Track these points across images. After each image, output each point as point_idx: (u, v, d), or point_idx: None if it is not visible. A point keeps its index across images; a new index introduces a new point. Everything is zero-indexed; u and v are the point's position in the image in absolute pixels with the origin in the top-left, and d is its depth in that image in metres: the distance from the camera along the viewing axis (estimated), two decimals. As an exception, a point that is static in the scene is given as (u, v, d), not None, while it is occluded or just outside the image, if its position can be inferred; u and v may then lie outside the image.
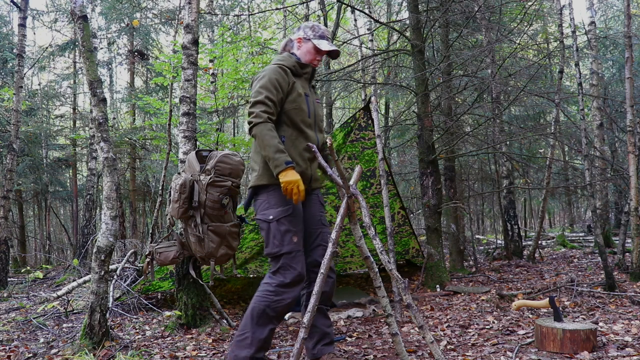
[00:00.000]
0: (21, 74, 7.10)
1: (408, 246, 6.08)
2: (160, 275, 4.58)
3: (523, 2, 6.53)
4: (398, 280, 2.54)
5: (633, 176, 4.63)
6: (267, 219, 2.46)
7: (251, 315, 2.39)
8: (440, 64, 5.57)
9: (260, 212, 2.49)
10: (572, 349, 2.69)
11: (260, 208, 2.49)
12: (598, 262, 6.20)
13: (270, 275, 2.46)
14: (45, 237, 13.85)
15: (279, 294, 2.41)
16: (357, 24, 11.31)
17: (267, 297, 2.40)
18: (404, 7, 10.49)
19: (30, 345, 3.41)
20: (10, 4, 10.63)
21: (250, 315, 2.40)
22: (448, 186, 6.30)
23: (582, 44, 9.78)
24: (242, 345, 2.39)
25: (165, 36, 18.50)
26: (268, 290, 2.41)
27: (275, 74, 2.48)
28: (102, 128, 3.26)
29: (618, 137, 10.12)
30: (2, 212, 6.71)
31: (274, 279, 2.44)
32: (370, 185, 5.36)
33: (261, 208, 2.49)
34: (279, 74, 2.49)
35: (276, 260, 2.45)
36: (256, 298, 2.42)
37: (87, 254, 8.54)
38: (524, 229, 12.57)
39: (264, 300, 2.39)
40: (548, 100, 6.98)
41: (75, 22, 3.33)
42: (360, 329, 3.67)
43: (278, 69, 2.52)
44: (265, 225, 2.46)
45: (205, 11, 9.96)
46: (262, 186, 2.49)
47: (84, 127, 12.85)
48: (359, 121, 4.84)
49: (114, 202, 3.24)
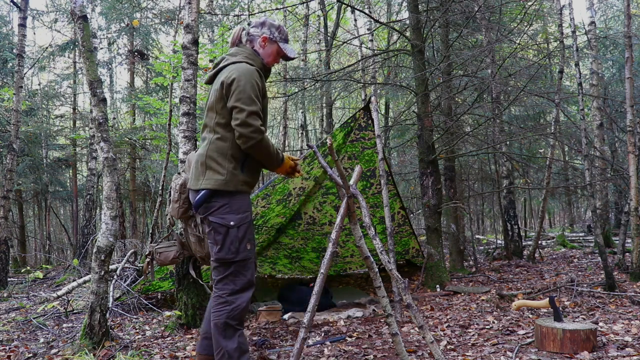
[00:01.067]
0: (21, 74, 7.10)
1: (408, 246, 6.08)
2: (160, 275, 4.59)
3: (523, 2, 6.53)
4: (398, 280, 2.54)
5: (633, 176, 4.63)
6: (227, 223, 2.36)
7: (217, 332, 2.35)
8: (440, 64, 5.57)
9: (218, 215, 2.36)
10: (572, 349, 2.69)
11: (219, 212, 2.36)
12: (598, 262, 6.20)
13: (217, 285, 2.39)
14: (45, 237, 13.85)
15: (232, 302, 2.35)
16: (357, 24, 11.31)
17: (223, 309, 2.35)
18: (404, 7, 10.49)
19: (30, 345, 3.41)
20: (10, 4, 10.63)
21: (217, 332, 2.35)
22: (448, 186, 6.30)
23: (582, 44, 9.78)
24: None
25: (165, 36, 18.52)
26: (220, 302, 2.36)
27: (256, 78, 2.37)
28: (102, 128, 3.26)
29: (618, 137, 10.12)
30: (2, 212, 6.71)
31: (223, 289, 2.37)
32: (370, 185, 5.36)
33: (220, 212, 2.36)
34: (259, 79, 2.40)
35: (226, 266, 2.37)
36: (213, 314, 2.37)
37: (87, 254, 8.54)
38: (524, 229, 12.56)
39: (222, 313, 2.34)
40: (548, 100, 6.98)
41: (75, 22, 3.34)
42: (360, 329, 3.67)
43: (256, 72, 2.40)
44: (223, 230, 2.36)
45: (205, 11, 9.96)
46: (226, 191, 2.37)
47: (84, 127, 12.85)
48: (359, 121, 4.84)
49: (114, 202, 3.24)
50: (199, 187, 2.38)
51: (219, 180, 2.36)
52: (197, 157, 2.44)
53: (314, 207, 5.54)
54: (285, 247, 6.02)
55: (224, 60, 2.49)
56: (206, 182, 2.37)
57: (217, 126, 2.38)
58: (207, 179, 2.37)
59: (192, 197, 2.48)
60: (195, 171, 2.43)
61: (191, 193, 2.49)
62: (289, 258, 6.20)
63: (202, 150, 2.43)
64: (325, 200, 5.46)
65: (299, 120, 12.88)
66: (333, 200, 5.45)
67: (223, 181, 2.36)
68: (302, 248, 6.02)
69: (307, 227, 5.72)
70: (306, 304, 2.41)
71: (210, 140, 2.40)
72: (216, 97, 2.37)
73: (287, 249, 6.04)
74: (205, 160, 2.38)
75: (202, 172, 2.39)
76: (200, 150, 2.44)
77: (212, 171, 2.37)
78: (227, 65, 2.43)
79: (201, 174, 2.39)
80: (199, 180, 2.39)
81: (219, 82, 2.38)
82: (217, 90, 2.37)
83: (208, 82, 2.57)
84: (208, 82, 2.57)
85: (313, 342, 3.33)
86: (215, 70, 2.51)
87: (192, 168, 2.48)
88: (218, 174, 2.36)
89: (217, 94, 2.36)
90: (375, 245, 2.53)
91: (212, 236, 2.40)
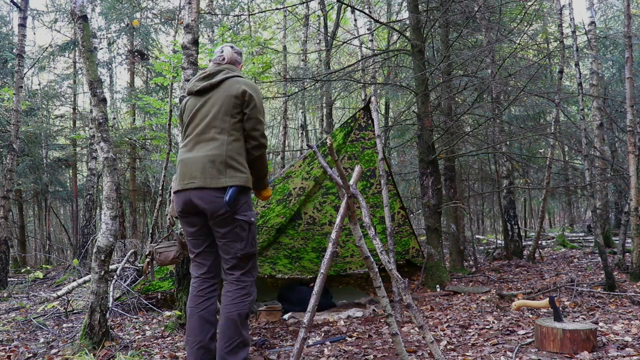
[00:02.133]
0: (21, 74, 7.10)
1: (408, 246, 6.08)
2: (160, 275, 4.58)
3: (523, 2, 6.53)
4: (398, 280, 2.54)
5: (633, 176, 4.63)
6: (250, 220, 2.51)
7: (240, 321, 2.43)
8: (440, 64, 5.57)
9: (243, 212, 2.48)
10: (572, 349, 2.69)
11: (243, 209, 2.48)
12: (598, 262, 6.20)
13: (241, 278, 2.49)
14: (45, 237, 13.85)
15: (251, 294, 2.51)
16: (357, 24, 11.31)
17: (246, 299, 2.47)
18: (404, 7, 10.49)
19: (30, 345, 3.41)
20: (10, 4, 10.64)
21: (239, 321, 2.43)
22: (448, 186, 6.30)
23: (582, 44, 9.78)
24: (237, 351, 2.41)
25: (165, 36, 18.51)
26: (243, 294, 2.47)
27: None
28: (102, 128, 3.26)
29: (618, 137, 10.12)
30: (2, 212, 6.71)
31: (245, 281, 2.50)
32: (370, 185, 5.36)
33: (244, 209, 2.48)
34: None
35: (247, 259, 2.51)
36: (237, 305, 2.44)
37: (87, 254, 8.54)
38: (524, 229, 12.56)
39: (245, 304, 2.46)
40: (548, 100, 6.98)
41: (75, 22, 3.34)
42: (360, 329, 3.67)
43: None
44: (247, 226, 2.50)
45: (205, 11, 9.96)
46: (247, 188, 2.52)
47: (84, 127, 12.85)
48: (359, 121, 4.84)
49: (114, 202, 3.24)
50: (222, 184, 2.42)
51: (243, 178, 2.47)
52: (210, 157, 2.45)
53: (314, 207, 5.54)
54: (285, 247, 6.02)
55: (226, 72, 2.61)
56: (232, 180, 2.43)
57: (233, 129, 2.50)
58: (231, 177, 2.44)
59: (203, 197, 2.45)
60: (211, 170, 2.43)
61: (205, 192, 2.45)
62: (289, 258, 6.20)
63: (216, 150, 2.46)
64: (325, 200, 5.46)
65: (299, 120, 12.88)
66: (333, 200, 5.45)
67: (246, 178, 2.49)
68: (302, 248, 6.02)
69: (307, 227, 5.72)
70: (306, 304, 2.41)
71: (225, 141, 2.47)
72: (234, 103, 2.50)
73: (287, 249, 6.04)
74: (225, 159, 2.45)
75: (222, 170, 2.44)
76: (214, 151, 2.46)
77: (234, 169, 2.45)
78: (235, 77, 2.59)
79: (222, 173, 2.43)
80: (219, 178, 2.43)
81: (234, 89, 2.51)
82: (233, 97, 2.50)
83: (201, 92, 2.61)
84: (201, 91, 2.60)
85: (313, 342, 3.33)
86: (216, 81, 2.58)
87: (199, 167, 2.46)
88: (241, 172, 2.48)
89: (236, 101, 2.50)
90: (375, 245, 2.53)
91: (235, 233, 2.47)
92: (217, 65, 2.67)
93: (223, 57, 2.71)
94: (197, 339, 2.51)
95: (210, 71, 2.64)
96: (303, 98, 8.29)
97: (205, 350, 2.51)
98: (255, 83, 7.81)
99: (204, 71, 2.69)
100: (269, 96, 11.00)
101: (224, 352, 2.41)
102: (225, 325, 2.43)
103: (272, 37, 12.88)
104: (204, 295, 2.58)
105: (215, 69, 2.64)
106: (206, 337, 2.51)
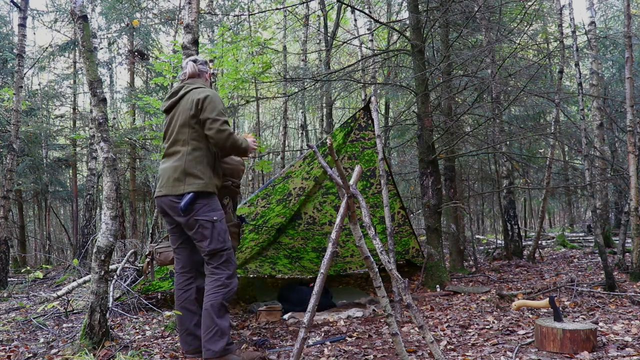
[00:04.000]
0: (21, 74, 7.09)
1: (408, 246, 6.08)
2: (160, 275, 4.59)
3: (523, 2, 6.52)
4: (398, 280, 2.54)
5: (633, 176, 4.63)
6: (211, 219, 2.72)
7: (213, 311, 2.66)
8: (440, 64, 5.57)
9: (203, 214, 2.71)
10: (572, 349, 2.69)
11: (203, 210, 2.71)
12: (598, 262, 6.20)
13: (214, 271, 2.73)
14: (45, 237, 13.85)
15: (228, 285, 2.72)
16: (357, 24, 11.30)
17: (220, 291, 2.69)
18: (404, 7, 10.49)
19: (30, 345, 3.41)
20: (10, 4, 10.63)
21: (212, 311, 2.66)
22: (448, 186, 6.30)
23: (582, 44, 9.78)
24: (215, 340, 2.65)
25: (165, 36, 18.51)
26: (218, 285, 2.70)
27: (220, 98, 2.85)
28: (102, 128, 3.26)
29: (618, 137, 10.12)
30: (2, 212, 6.71)
31: (220, 273, 2.72)
32: (370, 185, 5.36)
33: (204, 210, 2.71)
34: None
35: (219, 255, 2.73)
36: (210, 296, 2.69)
37: (87, 254, 8.54)
38: (524, 229, 12.56)
39: (219, 294, 2.68)
40: (548, 100, 6.97)
41: (75, 22, 3.33)
42: (360, 329, 3.67)
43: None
44: (210, 225, 2.72)
45: (205, 11, 9.96)
46: (206, 193, 2.73)
47: (84, 127, 12.85)
48: (359, 121, 4.84)
49: (114, 202, 3.24)
50: (181, 192, 2.69)
51: (200, 184, 2.71)
52: (173, 168, 2.73)
53: (314, 207, 5.54)
54: (285, 247, 6.02)
55: (185, 88, 2.84)
56: (190, 187, 2.69)
57: (192, 139, 2.74)
58: (188, 184, 2.70)
59: (167, 203, 2.75)
60: (172, 180, 2.72)
61: (167, 199, 2.74)
62: (289, 258, 6.20)
63: (178, 162, 2.73)
64: (325, 200, 5.46)
65: (299, 120, 12.87)
66: (333, 200, 5.45)
67: (204, 183, 2.72)
68: (302, 248, 6.02)
69: (307, 227, 5.72)
70: (306, 304, 2.41)
71: (185, 152, 2.73)
72: (189, 115, 2.73)
73: (287, 249, 6.04)
74: (184, 168, 2.71)
75: (182, 179, 2.70)
76: (176, 162, 2.73)
77: (192, 177, 2.71)
78: (192, 90, 2.81)
79: (181, 181, 2.70)
80: (179, 186, 2.70)
81: (189, 102, 2.75)
82: (189, 109, 2.73)
83: (168, 110, 2.89)
84: (168, 109, 2.89)
85: (313, 342, 3.33)
86: (177, 97, 2.84)
87: (166, 178, 2.75)
88: (199, 179, 2.71)
89: (191, 112, 2.72)
90: (375, 245, 2.53)
91: (200, 233, 2.72)
92: (181, 82, 2.93)
93: (185, 72, 2.95)
94: (184, 327, 2.88)
95: (175, 89, 2.90)
96: (303, 98, 8.29)
97: (193, 336, 2.86)
98: (256, 82, 7.80)
99: (171, 89, 3.00)
100: (269, 96, 10.99)
101: (204, 342, 2.67)
102: (204, 315, 2.69)
103: (272, 37, 12.88)
104: (182, 288, 2.91)
105: (179, 87, 2.90)
106: (191, 324, 2.86)
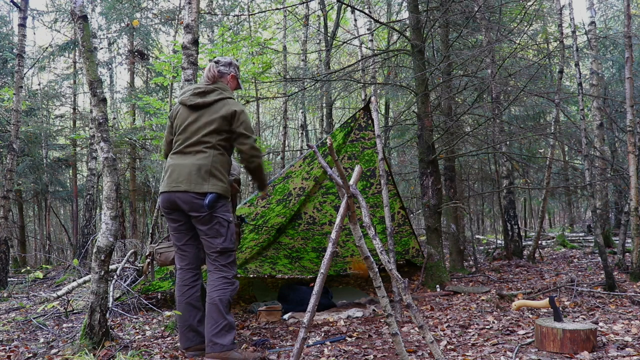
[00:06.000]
0: (21, 74, 7.09)
1: (408, 246, 6.08)
2: (160, 275, 4.59)
3: (523, 2, 6.52)
4: (398, 280, 2.54)
5: (633, 176, 4.63)
6: (229, 219, 2.89)
7: (221, 307, 2.76)
8: (440, 64, 5.57)
9: (222, 212, 2.86)
10: (572, 349, 2.69)
11: (222, 209, 2.86)
12: (598, 262, 6.20)
13: (222, 269, 2.85)
14: (45, 237, 13.84)
15: (233, 283, 2.87)
16: (357, 24, 11.31)
17: (227, 287, 2.83)
18: (404, 7, 10.48)
19: (30, 345, 3.41)
20: (10, 4, 10.63)
21: (221, 306, 2.76)
22: (448, 186, 6.30)
23: (582, 44, 9.78)
24: (223, 334, 2.74)
25: (165, 36, 18.51)
26: (225, 282, 2.83)
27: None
28: (102, 128, 3.26)
29: (618, 137, 10.12)
30: (2, 212, 6.71)
31: (228, 272, 2.86)
32: (370, 185, 5.36)
33: (223, 209, 2.87)
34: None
35: (228, 254, 2.87)
36: (218, 292, 2.79)
37: (87, 254, 8.54)
38: (524, 229, 12.55)
39: (226, 291, 2.81)
40: (548, 100, 6.98)
41: (75, 22, 3.33)
42: (360, 329, 3.67)
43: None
44: (226, 224, 2.87)
45: (205, 11, 9.96)
46: (225, 196, 2.89)
47: (84, 127, 12.85)
48: (359, 121, 4.84)
49: (114, 202, 3.24)
50: (204, 190, 2.78)
51: (223, 187, 2.85)
52: (197, 166, 2.81)
53: (314, 207, 5.54)
54: (285, 247, 6.02)
55: (219, 93, 2.91)
56: (213, 187, 2.80)
57: (220, 145, 2.87)
58: (212, 185, 2.80)
59: (185, 199, 2.81)
60: (195, 177, 2.79)
61: (188, 195, 2.80)
62: (289, 258, 6.20)
63: (203, 160, 2.82)
64: (325, 200, 5.46)
65: (299, 120, 12.87)
66: (333, 200, 5.45)
67: (226, 188, 2.88)
68: (302, 248, 6.02)
69: (307, 227, 5.72)
70: (306, 304, 2.41)
71: (212, 154, 2.84)
72: (222, 123, 2.85)
73: (287, 249, 6.04)
74: (210, 169, 2.82)
75: (206, 178, 2.80)
76: (201, 161, 2.82)
77: (216, 179, 2.83)
78: (227, 99, 2.91)
79: (205, 180, 2.79)
80: (202, 185, 2.79)
81: (226, 111, 2.85)
82: (227, 119, 2.85)
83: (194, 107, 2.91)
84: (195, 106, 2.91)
85: (313, 342, 3.33)
86: (209, 100, 2.89)
87: (186, 173, 2.81)
88: (222, 182, 2.85)
89: (225, 121, 2.85)
90: (375, 245, 2.53)
91: (216, 229, 2.83)
92: (209, 82, 2.96)
93: (214, 73, 3.00)
94: (186, 322, 2.93)
95: (204, 89, 2.93)
96: (303, 98, 8.30)
97: (195, 332, 2.93)
98: (256, 82, 7.85)
99: (197, 86, 2.96)
100: (269, 96, 10.99)
101: (211, 335, 2.74)
102: (210, 310, 2.77)
103: (272, 37, 12.86)
104: (188, 284, 2.97)
105: (209, 88, 2.93)
106: (194, 320, 2.93)
